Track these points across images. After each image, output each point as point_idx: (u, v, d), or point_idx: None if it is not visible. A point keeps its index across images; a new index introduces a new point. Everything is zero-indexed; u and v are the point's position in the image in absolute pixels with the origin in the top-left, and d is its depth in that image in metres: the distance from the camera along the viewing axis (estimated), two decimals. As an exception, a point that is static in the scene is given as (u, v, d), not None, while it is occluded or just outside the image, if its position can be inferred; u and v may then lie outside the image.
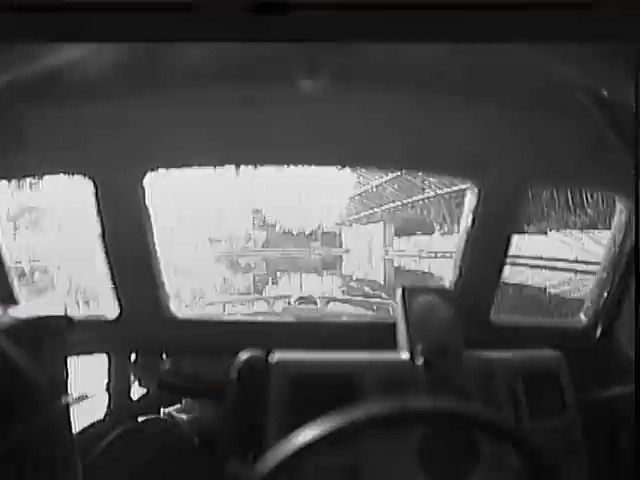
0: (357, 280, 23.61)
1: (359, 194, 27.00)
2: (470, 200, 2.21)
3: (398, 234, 27.02)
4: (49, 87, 1.73)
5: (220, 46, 1.58)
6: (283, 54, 1.60)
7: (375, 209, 26.86)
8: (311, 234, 27.06)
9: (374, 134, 2.08)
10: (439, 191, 24.08)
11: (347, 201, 27.76)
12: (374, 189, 26.12)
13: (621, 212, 2.27)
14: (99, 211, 2.11)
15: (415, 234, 27.14)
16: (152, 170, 2.10)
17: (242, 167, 2.47)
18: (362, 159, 2.33)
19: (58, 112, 1.96)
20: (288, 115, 2.02)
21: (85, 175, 2.08)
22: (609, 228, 2.35)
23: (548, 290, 18.96)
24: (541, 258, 19.76)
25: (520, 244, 18.07)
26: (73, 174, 2.13)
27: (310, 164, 2.37)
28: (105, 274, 2.23)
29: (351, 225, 28.58)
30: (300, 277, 24.02)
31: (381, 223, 26.78)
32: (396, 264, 26.43)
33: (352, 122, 2.04)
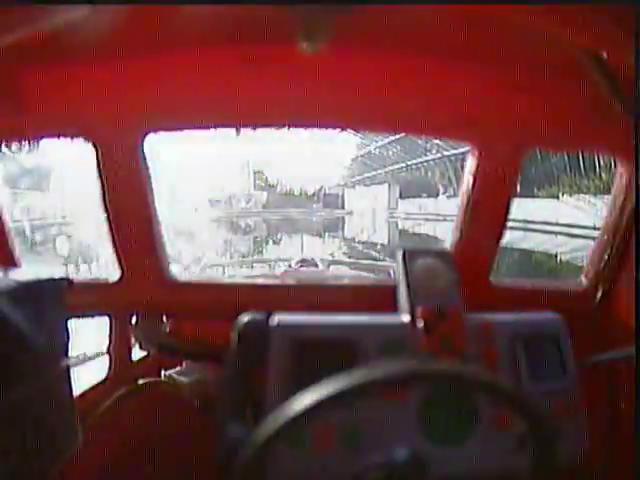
0: (359, 242, 23.25)
1: (362, 155, 26.50)
2: (470, 162, 2.20)
3: (402, 196, 26.67)
4: (49, 49, 1.71)
5: (219, 7, 1.56)
6: (284, 15, 1.58)
7: (379, 170, 26.46)
8: (313, 195, 26.63)
9: (374, 97, 2.07)
10: (445, 152, 23.82)
11: (350, 162, 27.27)
12: (377, 150, 25.70)
13: (621, 175, 2.27)
14: (100, 173, 2.11)
15: (420, 196, 26.80)
16: (153, 132, 2.09)
17: (243, 128, 2.44)
18: (362, 122, 2.32)
19: (58, 75, 1.94)
20: (287, 77, 2.01)
21: (86, 138, 2.07)
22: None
23: (559, 256, 18.77)
24: (552, 224, 19.53)
25: (531, 209, 17.95)
26: (73, 137, 2.12)
27: (308, 127, 2.36)
28: (106, 236, 2.22)
29: (354, 187, 28.13)
30: (301, 239, 23.60)
31: (385, 185, 26.37)
32: (400, 227, 26.14)
33: (351, 85, 2.03)
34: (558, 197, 21.19)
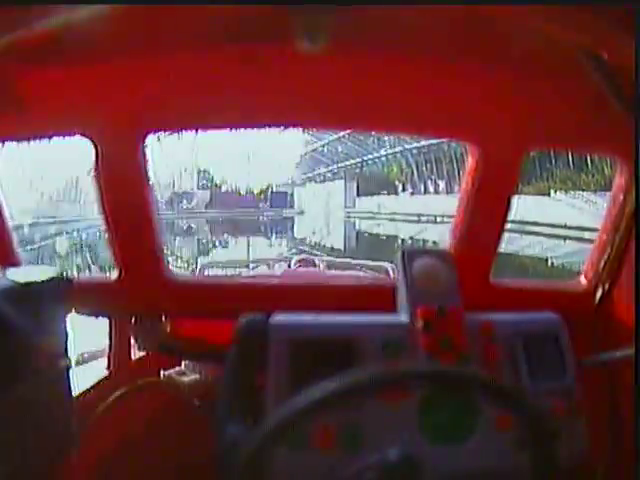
0: (311, 245, 22.06)
1: (313, 150, 25.53)
2: (470, 162, 2.20)
3: (360, 194, 25.54)
4: (50, 49, 1.71)
5: (218, 7, 1.56)
6: (283, 15, 1.58)
7: (331, 167, 25.50)
8: (260, 194, 25.64)
9: (374, 97, 2.07)
10: (407, 146, 23.22)
11: (299, 159, 26.16)
12: (326, 147, 24.84)
13: (621, 175, 2.27)
14: (99, 172, 2.10)
15: (379, 194, 25.59)
16: (152, 132, 2.09)
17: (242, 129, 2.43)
18: (362, 122, 2.32)
19: (59, 74, 1.94)
20: (286, 77, 2.01)
21: (85, 137, 2.07)
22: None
23: (550, 261, 18.18)
24: (542, 224, 18.99)
25: (522, 207, 17.51)
26: (73, 136, 2.12)
27: (308, 127, 2.36)
28: (105, 236, 2.22)
29: (304, 184, 27.09)
30: (247, 241, 22.71)
31: (340, 182, 25.38)
32: (357, 227, 24.94)
33: (351, 85, 2.03)
34: (549, 194, 20.80)
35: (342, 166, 24.92)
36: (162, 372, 2.33)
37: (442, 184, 24.37)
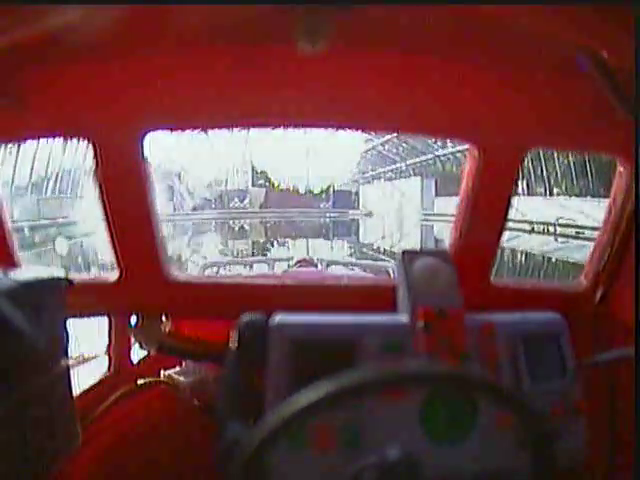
0: (378, 250, 20.54)
1: (373, 147, 23.80)
2: (470, 162, 2.20)
3: (438, 194, 23.21)
4: (49, 49, 1.71)
5: (218, 6, 1.56)
6: (283, 15, 1.58)
7: (398, 164, 23.69)
8: (321, 193, 24.09)
9: (374, 97, 2.07)
10: None
11: (360, 156, 23.95)
12: (387, 144, 23.04)
13: (621, 175, 2.27)
14: (98, 173, 2.10)
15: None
16: (151, 131, 2.09)
17: (241, 129, 2.43)
18: (361, 122, 2.32)
19: (58, 75, 1.94)
20: (286, 77, 2.01)
21: (84, 137, 2.07)
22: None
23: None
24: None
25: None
26: (73, 136, 2.11)
27: (307, 127, 2.36)
28: (105, 236, 2.22)
29: (371, 182, 25.50)
30: (306, 245, 21.19)
31: (416, 179, 23.34)
32: (436, 232, 22.69)
33: (351, 85, 2.03)
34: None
35: (411, 163, 23.21)
36: (162, 372, 2.33)
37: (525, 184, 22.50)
